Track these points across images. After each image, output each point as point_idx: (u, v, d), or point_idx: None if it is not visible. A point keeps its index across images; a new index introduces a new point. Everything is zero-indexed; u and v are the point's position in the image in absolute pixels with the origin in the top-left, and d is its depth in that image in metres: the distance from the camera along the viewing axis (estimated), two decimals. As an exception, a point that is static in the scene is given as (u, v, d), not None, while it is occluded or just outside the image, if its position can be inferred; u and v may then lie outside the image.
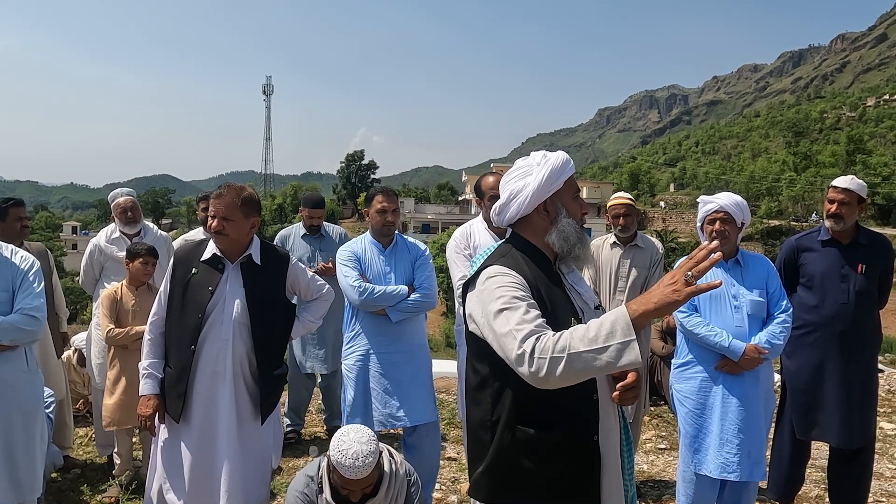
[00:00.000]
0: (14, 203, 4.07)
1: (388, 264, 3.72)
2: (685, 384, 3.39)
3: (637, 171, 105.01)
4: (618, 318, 1.63)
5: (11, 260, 2.89)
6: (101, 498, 4.01)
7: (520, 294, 1.79)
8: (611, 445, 1.92)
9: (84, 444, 4.98)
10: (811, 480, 4.42)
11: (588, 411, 1.87)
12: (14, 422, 2.82)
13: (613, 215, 4.23)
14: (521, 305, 1.75)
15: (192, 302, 2.82)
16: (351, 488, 2.48)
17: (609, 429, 1.92)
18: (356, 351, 3.66)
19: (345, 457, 2.42)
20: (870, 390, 3.66)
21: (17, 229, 4.00)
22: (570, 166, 2.00)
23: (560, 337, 1.66)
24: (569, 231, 1.95)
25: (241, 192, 2.84)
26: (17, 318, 2.75)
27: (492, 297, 1.80)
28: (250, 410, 2.88)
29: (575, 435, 1.85)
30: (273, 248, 3.02)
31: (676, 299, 1.61)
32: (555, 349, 1.64)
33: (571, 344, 1.63)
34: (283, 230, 5.28)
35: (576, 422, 1.85)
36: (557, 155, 2.00)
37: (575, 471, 1.86)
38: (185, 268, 2.89)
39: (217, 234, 2.81)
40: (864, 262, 3.60)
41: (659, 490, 4.43)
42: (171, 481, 2.84)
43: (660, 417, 5.99)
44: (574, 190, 2.01)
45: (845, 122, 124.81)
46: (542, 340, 1.67)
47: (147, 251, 4.03)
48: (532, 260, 1.94)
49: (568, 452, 1.85)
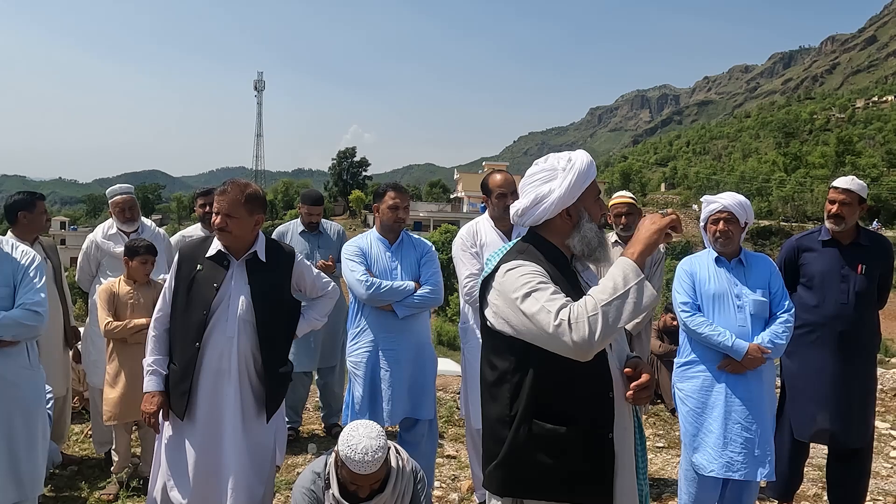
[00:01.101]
0: (40, 196, 4.20)
1: (395, 260, 3.70)
2: (688, 383, 3.40)
3: (628, 170, 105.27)
4: (625, 266, 1.82)
5: (12, 255, 2.86)
6: (99, 495, 3.98)
7: (545, 279, 1.87)
8: (625, 444, 1.95)
9: (80, 441, 4.94)
10: (809, 479, 4.44)
11: (604, 409, 1.91)
12: (15, 418, 2.79)
13: (616, 214, 4.24)
14: (548, 287, 1.84)
15: (196, 299, 2.79)
16: (360, 483, 2.47)
17: (624, 427, 1.95)
18: (362, 347, 3.65)
19: (354, 452, 2.41)
20: (869, 390, 3.69)
21: (42, 222, 4.14)
22: (594, 170, 2.01)
23: (586, 300, 1.79)
24: (591, 236, 2.00)
25: (246, 188, 2.81)
26: (19, 314, 2.72)
27: (516, 284, 1.86)
28: (255, 408, 2.86)
29: (591, 432, 1.88)
30: (279, 245, 2.99)
31: (659, 227, 1.87)
32: (588, 310, 1.76)
33: (600, 299, 1.77)
34: (280, 227, 5.24)
35: (592, 419, 1.88)
36: (582, 159, 2.00)
37: (589, 467, 1.88)
38: (190, 264, 2.86)
39: (220, 230, 2.78)
40: (864, 262, 3.62)
41: (658, 488, 4.44)
42: (175, 479, 2.82)
43: (657, 416, 6.01)
44: (595, 193, 2.03)
45: (835, 124, 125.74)
46: (574, 309, 1.78)
47: (146, 249, 4.00)
48: (549, 258, 1.97)
49: (583, 449, 1.88)
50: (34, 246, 4.13)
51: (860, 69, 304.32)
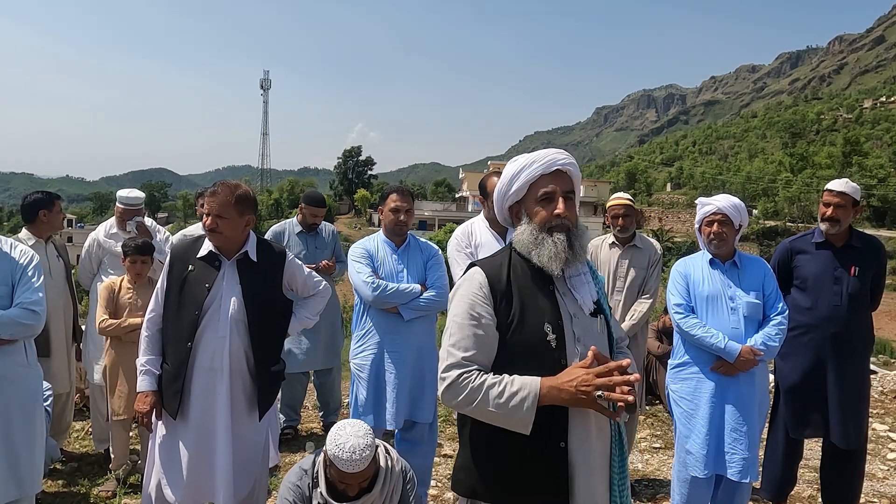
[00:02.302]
0: (58, 196, 4.30)
1: (401, 263, 3.69)
2: (681, 385, 3.42)
3: (634, 170, 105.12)
4: (528, 396, 1.75)
5: (10, 254, 2.89)
6: (97, 491, 4.02)
7: (475, 311, 1.87)
8: (586, 453, 1.88)
9: (81, 438, 4.99)
10: (804, 480, 4.45)
11: (555, 418, 1.84)
12: (14, 416, 2.81)
13: (612, 215, 4.25)
14: (466, 325, 1.87)
15: (188, 299, 2.81)
16: (348, 482, 2.50)
17: (584, 437, 1.88)
18: (367, 349, 3.64)
19: (342, 451, 2.43)
20: (862, 391, 3.70)
21: (59, 221, 4.22)
22: (536, 171, 1.93)
23: (479, 385, 1.79)
24: (523, 238, 1.94)
25: (236, 189, 2.83)
26: (17, 313, 2.75)
27: (454, 304, 1.93)
28: (248, 406, 2.89)
29: (539, 440, 1.82)
30: (269, 245, 3.01)
31: (582, 404, 1.74)
32: (467, 396, 1.80)
33: (482, 399, 1.79)
34: (275, 225, 5.22)
35: (542, 427, 1.81)
36: (518, 159, 1.97)
37: (540, 476, 1.85)
38: (181, 265, 2.88)
39: (211, 231, 2.80)
40: (857, 264, 3.63)
41: (653, 489, 4.46)
42: (169, 477, 2.85)
43: (655, 417, 6.02)
44: (540, 193, 1.93)
45: (842, 124, 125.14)
46: (462, 379, 1.81)
47: (135, 250, 3.99)
48: (526, 261, 1.95)
49: (532, 457, 1.85)
50: (48, 244, 4.19)
51: (868, 69, 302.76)
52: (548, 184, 1.92)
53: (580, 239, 1.93)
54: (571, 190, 1.96)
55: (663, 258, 4.39)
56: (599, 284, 2.07)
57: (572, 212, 1.95)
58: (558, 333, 1.87)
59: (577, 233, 1.93)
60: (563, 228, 1.91)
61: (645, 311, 4.16)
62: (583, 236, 1.95)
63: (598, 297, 2.01)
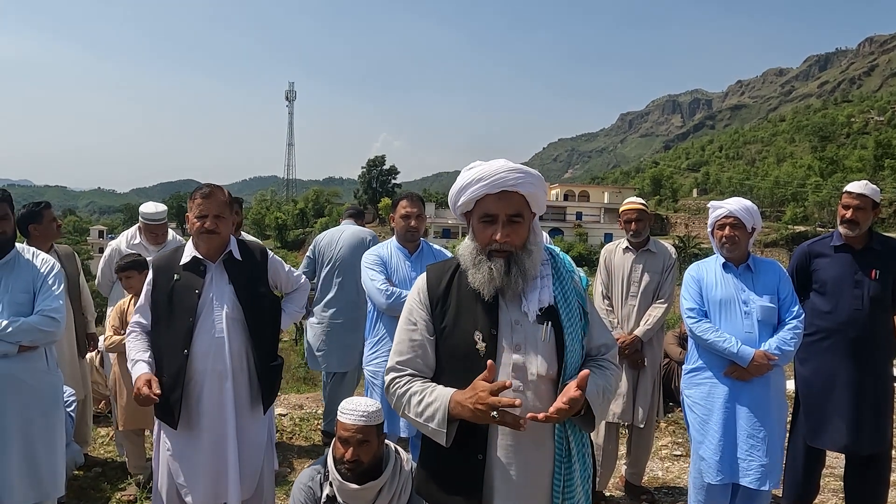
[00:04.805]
0: (46, 205, 4.25)
1: (414, 270, 3.68)
2: (695, 390, 3.39)
3: (659, 176, 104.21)
4: (439, 409, 1.79)
5: (33, 262, 2.99)
6: (120, 496, 4.09)
7: (412, 317, 1.96)
8: (513, 466, 1.84)
9: (105, 444, 5.08)
10: (829, 490, 4.36)
11: (474, 430, 1.82)
12: (34, 421, 2.89)
13: (626, 220, 4.23)
14: (403, 330, 1.97)
15: (179, 308, 2.83)
16: (347, 437, 2.53)
17: (512, 450, 1.84)
18: (381, 356, 3.66)
19: (348, 403, 2.62)
20: (884, 396, 3.61)
21: (53, 229, 4.21)
22: (478, 188, 1.82)
23: (403, 392, 1.89)
24: (463, 254, 1.92)
25: (224, 190, 2.94)
26: (37, 320, 2.84)
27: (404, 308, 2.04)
28: (252, 405, 2.93)
29: (457, 451, 1.83)
30: (247, 244, 3.08)
31: (483, 420, 1.70)
32: (396, 402, 1.93)
33: (405, 406, 1.89)
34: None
35: (461, 438, 1.81)
36: (471, 170, 1.88)
37: (459, 487, 1.87)
38: (166, 275, 2.89)
39: (210, 233, 2.83)
40: (877, 267, 3.56)
41: (673, 496, 4.41)
42: (190, 484, 2.86)
43: (676, 424, 5.94)
44: (482, 215, 1.85)
45: (873, 127, 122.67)
46: (393, 385, 1.93)
47: (127, 266, 4.08)
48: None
49: (451, 466, 1.88)
50: (49, 254, 4.27)
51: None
52: (491, 205, 1.83)
53: (525, 262, 1.84)
54: (518, 213, 1.84)
55: (688, 264, 4.31)
56: (582, 285, 1.99)
57: (517, 235, 1.84)
58: (489, 342, 1.83)
59: (520, 256, 1.84)
60: (503, 254, 1.83)
61: (660, 316, 4.13)
62: (530, 256, 1.85)
63: (553, 302, 1.88)
